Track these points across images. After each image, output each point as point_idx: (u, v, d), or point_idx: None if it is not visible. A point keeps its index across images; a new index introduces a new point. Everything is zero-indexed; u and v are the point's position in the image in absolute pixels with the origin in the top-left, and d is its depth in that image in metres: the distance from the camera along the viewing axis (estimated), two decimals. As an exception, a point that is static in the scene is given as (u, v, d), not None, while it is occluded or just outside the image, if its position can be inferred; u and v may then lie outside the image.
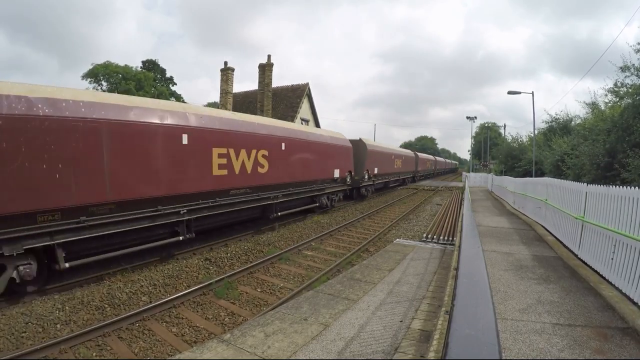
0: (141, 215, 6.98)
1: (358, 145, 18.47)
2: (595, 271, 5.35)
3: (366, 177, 19.30)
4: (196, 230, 8.24)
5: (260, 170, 10.21)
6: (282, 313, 4.92)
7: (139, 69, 42.32)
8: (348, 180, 16.97)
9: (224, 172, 8.91)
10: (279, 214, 11.30)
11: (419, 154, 40.83)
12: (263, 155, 10.31)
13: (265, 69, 21.79)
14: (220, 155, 8.75)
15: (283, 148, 11.35)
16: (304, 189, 12.94)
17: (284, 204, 11.69)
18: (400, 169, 28.23)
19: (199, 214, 8.24)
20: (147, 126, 7.07)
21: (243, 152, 9.53)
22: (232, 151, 9.14)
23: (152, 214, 7.18)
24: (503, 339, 3.38)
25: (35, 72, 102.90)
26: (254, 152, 9.94)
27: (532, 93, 20.40)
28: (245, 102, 25.12)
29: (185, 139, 7.79)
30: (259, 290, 6.57)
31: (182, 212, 7.75)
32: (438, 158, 65.35)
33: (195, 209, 8.11)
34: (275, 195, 10.96)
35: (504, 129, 47.68)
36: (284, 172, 11.47)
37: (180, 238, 7.76)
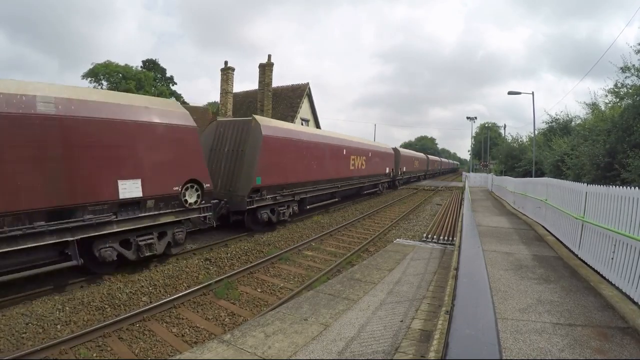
0: (328, 186, 15.15)
1: (395, 151, 28.02)
2: (596, 271, 5.35)
3: (399, 173, 28.75)
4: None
5: (361, 167, 19.30)
6: (283, 313, 4.93)
7: (139, 68, 42.32)
8: (391, 174, 26.30)
9: (353, 167, 18.05)
10: (365, 192, 21.23)
11: (429, 156, 50.62)
12: (363, 160, 19.49)
13: (266, 69, 21.79)
14: (352, 159, 17.87)
15: (369, 155, 20.62)
16: (375, 179, 22.43)
17: (366, 187, 20.99)
18: (418, 168, 38.48)
19: (342, 188, 16.83)
20: (337, 146, 15.94)
21: (357, 157, 18.50)
22: (355, 157, 18.24)
23: (331, 185, 15.47)
24: (503, 339, 3.39)
25: (36, 72, 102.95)
26: (360, 157, 19.04)
27: (532, 93, 20.43)
28: (245, 102, 25.10)
29: (344, 152, 16.86)
30: (259, 290, 6.57)
31: (339, 185, 16.24)
32: (442, 159, 78.60)
33: (341, 185, 16.64)
34: (364, 182, 20.28)
35: (504, 129, 47.76)
36: (369, 168, 20.57)
37: (336, 199, 16.59)
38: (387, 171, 24.80)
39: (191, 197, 7.89)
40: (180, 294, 5.96)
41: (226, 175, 10.43)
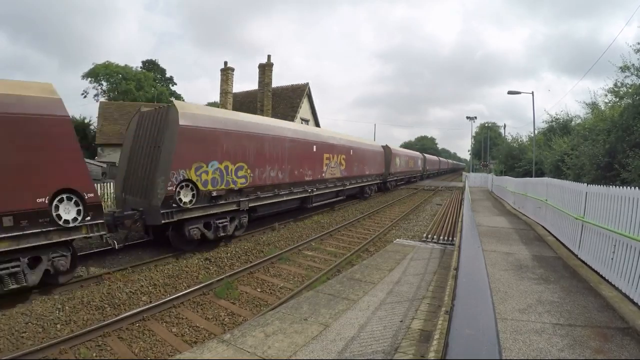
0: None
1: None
2: (595, 271, 5.35)
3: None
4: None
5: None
6: (282, 313, 4.93)
7: (139, 69, 42.32)
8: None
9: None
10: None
11: (441, 158, 62.88)
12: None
13: (265, 69, 21.78)
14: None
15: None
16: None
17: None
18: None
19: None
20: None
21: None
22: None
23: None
24: (503, 339, 3.39)
25: (37, 72, 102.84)
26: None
27: (532, 93, 20.41)
28: (245, 102, 25.09)
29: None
30: (259, 290, 6.57)
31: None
32: (450, 160, 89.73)
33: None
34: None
35: (504, 129, 47.69)
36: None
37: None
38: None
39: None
40: (180, 294, 5.96)
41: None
